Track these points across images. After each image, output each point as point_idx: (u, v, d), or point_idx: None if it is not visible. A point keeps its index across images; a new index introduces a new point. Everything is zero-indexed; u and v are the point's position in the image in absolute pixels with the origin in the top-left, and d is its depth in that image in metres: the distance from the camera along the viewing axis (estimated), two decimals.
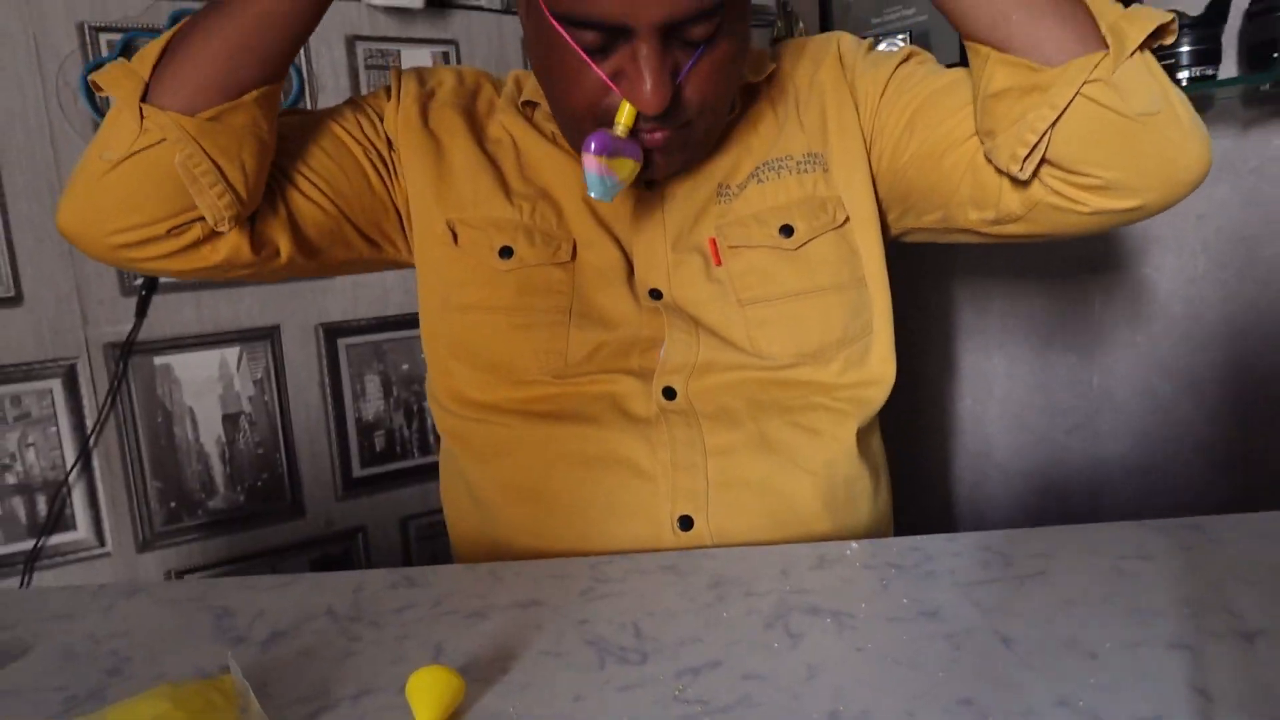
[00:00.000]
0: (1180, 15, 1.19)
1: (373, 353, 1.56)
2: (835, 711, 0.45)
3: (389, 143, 0.79)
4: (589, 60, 0.65)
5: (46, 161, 1.28)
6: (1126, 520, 0.69)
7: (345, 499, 1.56)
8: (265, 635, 0.57)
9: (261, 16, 0.66)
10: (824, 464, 0.75)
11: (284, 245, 0.74)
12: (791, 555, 0.65)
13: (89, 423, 1.34)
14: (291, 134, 0.75)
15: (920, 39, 1.62)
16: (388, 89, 0.81)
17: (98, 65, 1.30)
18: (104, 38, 1.30)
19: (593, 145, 0.67)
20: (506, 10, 1.60)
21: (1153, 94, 0.60)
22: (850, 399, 0.77)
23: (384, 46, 1.51)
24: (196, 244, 0.69)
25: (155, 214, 0.67)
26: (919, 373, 1.74)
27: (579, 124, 0.70)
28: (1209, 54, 1.19)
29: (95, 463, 1.35)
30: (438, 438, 0.81)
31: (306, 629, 0.58)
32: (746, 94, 0.81)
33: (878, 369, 0.78)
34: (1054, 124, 0.61)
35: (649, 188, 0.79)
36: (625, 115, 0.67)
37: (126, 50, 1.31)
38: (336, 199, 0.76)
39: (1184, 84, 1.20)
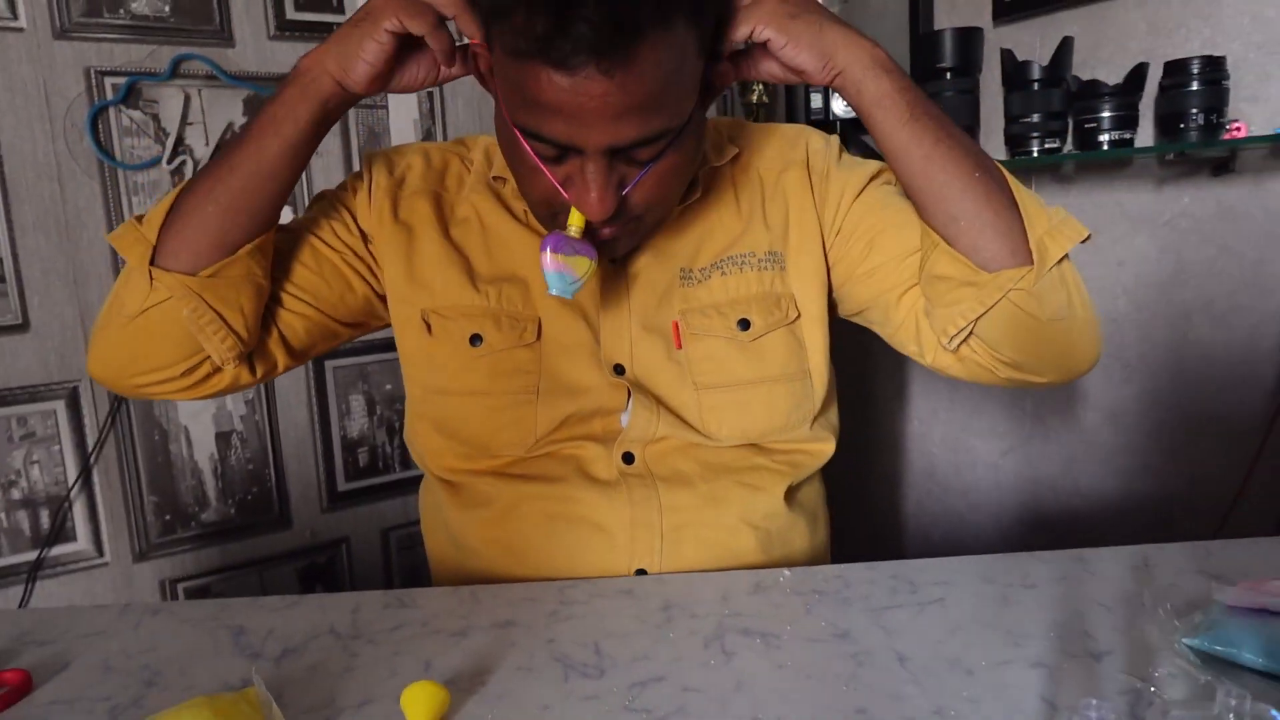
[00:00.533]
0: (1103, 85, 1.32)
1: (358, 374, 1.65)
2: (755, 719, 0.56)
3: (365, 237, 0.84)
4: (543, 166, 0.70)
5: (54, 198, 1.36)
6: (1054, 539, 0.80)
7: (330, 511, 1.65)
8: (278, 651, 0.67)
9: (248, 179, 0.74)
10: (764, 516, 0.84)
11: (279, 358, 0.84)
12: (732, 582, 0.76)
13: (90, 441, 1.42)
14: (275, 255, 0.81)
15: None
16: (358, 177, 0.86)
17: (103, 107, 1.38)
18: (109, 81, 1.38)
19: (549, 247, 0.72)
20: None
21: (1062, 302, 0.73)
22: (788, 463, 0.86)
23: None
24: (206, 378, 0.80)
25: (169, 359, 0.77)
26: (872, 394, 1.86)
27: (537, 210, 0.77)
28: (1127, 120, 1.32)
29: (95, 479, 1.43)
30: None
31: (313, 646, 0.67)
32: (709, 175, 0.85)
33: (815, 446, 0.87)
34: (980, 316, 0.74)
35: (614, 264, 0.84)
36: (576, 218, 0.72)
37: (131, 94, 1.39)
38: (323, 307, 0.83)
39: (1105, 146, 1.32)
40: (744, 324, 0.83)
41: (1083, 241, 0.73)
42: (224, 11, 1.46)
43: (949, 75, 1.53)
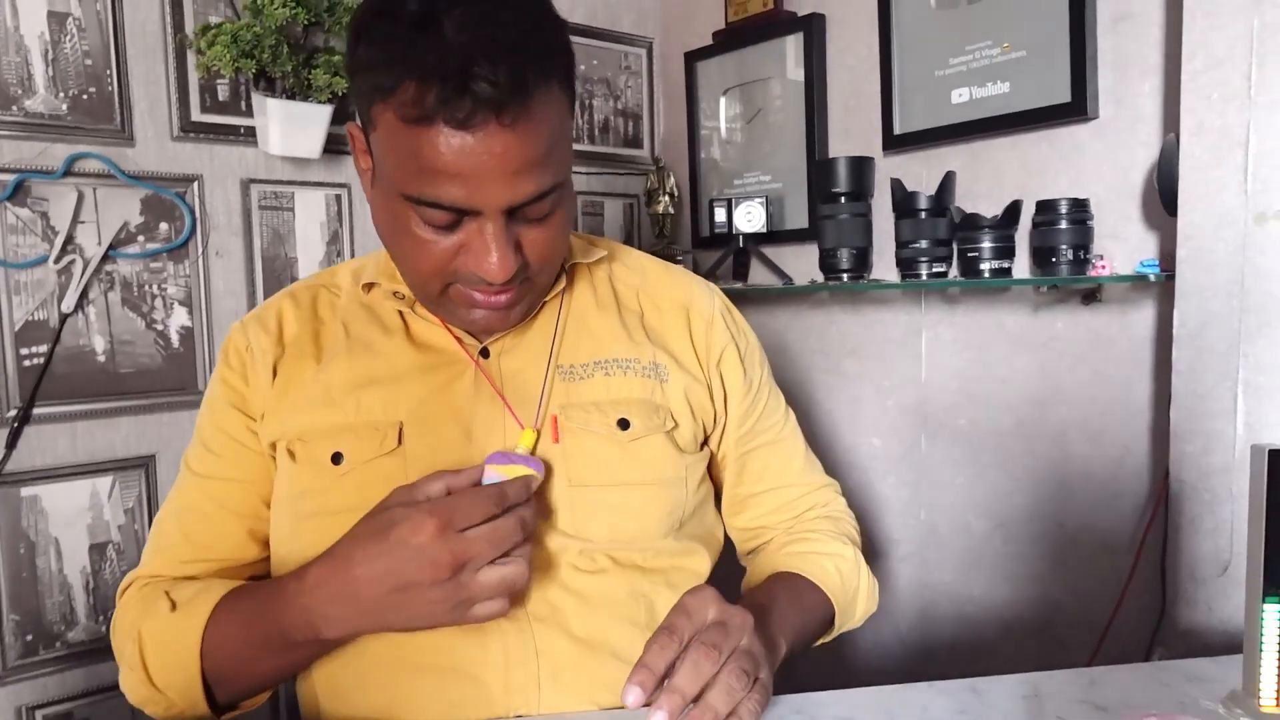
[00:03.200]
0: (982, 218, 1.42)
1: None
2: None
3: (258, 415, 0.85)
4: (436, 236, 0.72)
5: None
6: (948, 643, 0.82)
7: None
8: None
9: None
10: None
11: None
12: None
13: None
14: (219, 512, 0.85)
15: (776, 203, 1.82)
16: (230, 367, 0.86)
17: None
18: None
19: (489, 462, 0.75)
20: None
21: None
22: (665, 583, 0.85)
23: (279, 189, 1.59)
24: None
25: None
26: None
27: (428, 287, 0.77)
28: (1005, 251, 1.42)
29: None
30: None
31: None
32: (575, 271, 0.89)
33: (688, 561, 0.87)
34: None
35: (484, 356, 0.84)
36: (525, 439, 0.79)
37: (19, 191, 1.34)
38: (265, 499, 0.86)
39: (986, 274, 1.42)
40: (624, 424, 0.84)
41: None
42: (126, 110, 1.43)
43: (843, 199, 1.62)
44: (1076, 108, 1.36)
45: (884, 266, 1.65)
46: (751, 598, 0.85)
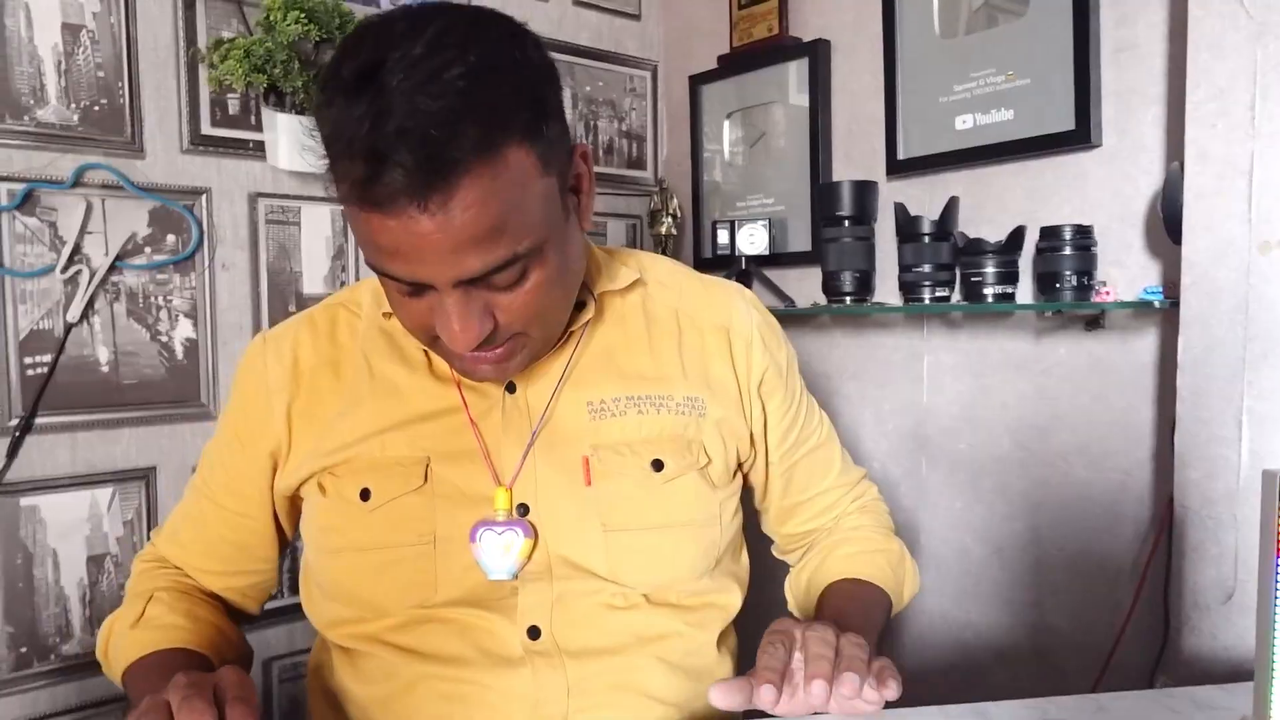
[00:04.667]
0: (985, 243, 1.43)
1: None
2: None
3: (278, 452, 0.85)
4: (409, 300, 0.70)
5: None
6: (946, 669, 0.82)
7: None
8: None
9: None
10: (680, 694, 0.82)
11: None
12: None
13: None
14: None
15: (779, 225, 1.84)
16: (246, 398, 0.86)
17: None
18: (4, 187, 1.33)
19: (473, 539, 0.76)
20: None
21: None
22: (697, 623, 0.84)
23: (286, 203, 1.59)
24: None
25: None
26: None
27: (417, 337, 0.75)
28: (1008, 276, 1.43)
29: None
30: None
31: None
32: (606, 300, 0.85)
33: (722, 598, 0.86)
34: None
35: (511, 392, 0.81)
36: (500, 499, 0.78)
37: (27, 200, 1.34)
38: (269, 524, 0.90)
39: (990, 299, 1.43)
40: (657, 465, 0.82)
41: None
42: (136, 122, 1.44)
43: (846, 223, 1.63)
44: (1080, 135, 1.37)
45: (886, 290, 1.66)
46: (823, 613, 0.88)
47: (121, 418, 1.44)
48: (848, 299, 1.64)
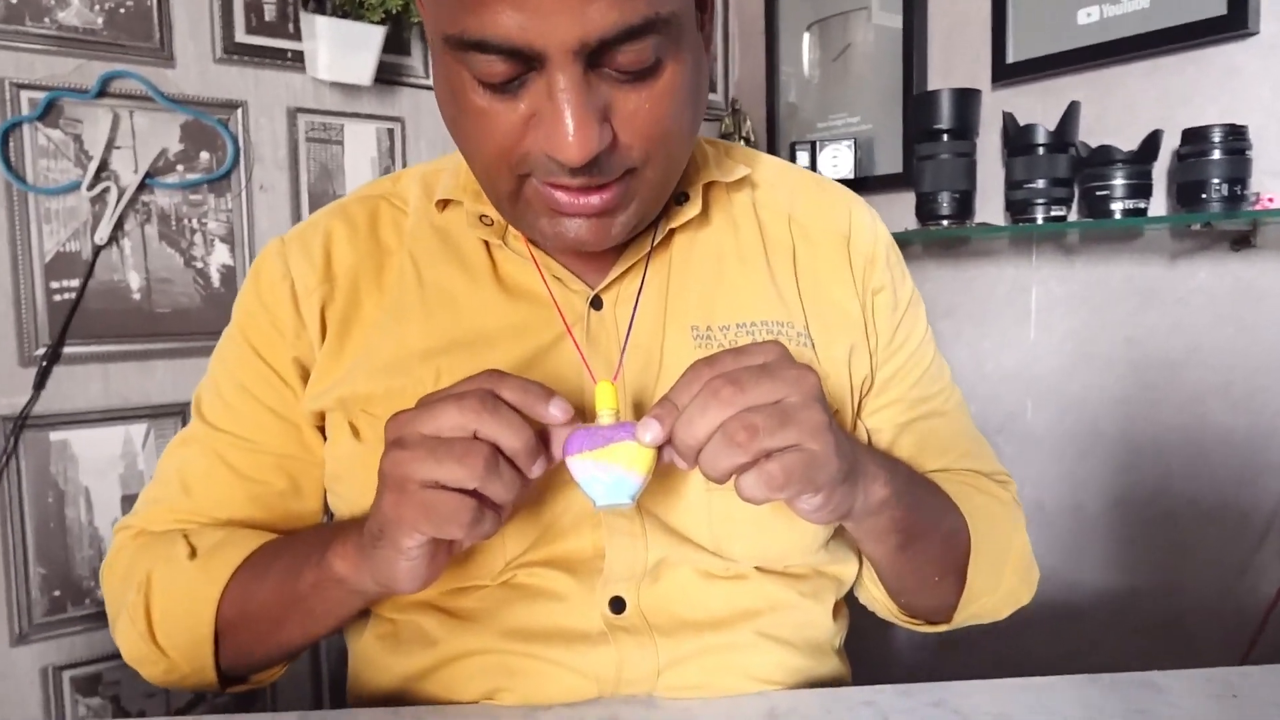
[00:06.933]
0: (1115, 150, 1.24)
1: None
2: None
3: (307, 359, 0.69)
4: (494, 99, 0.54)
5: None
6: (1050, 634, 0.67)
7: None
8: None
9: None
10: (789, 673, 0.68)
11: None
12: (740, 710, 0.61)
13: None
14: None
15: (864, 146, 1.66)
16: (265, 307, 0.69)
17: (16, 124, 1.22)
18: (26, 95, 1.23)
19: (571, 449, 0.53)
20: None
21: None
22: (817, 590, 0.70)
23: (327, 120, 1.47)
24: None
25: None
26: None
27: (496, 181, 0.57)
28: (1141, 189, 1.24)
29: None
30: None
31: None
32: (712, 194, 0.69)
33: (837, 568, 0.71)
34: None
35: (597, 308, 0.66)
36: (604, 395, 0.55)
37: (50, 111, 1.24)
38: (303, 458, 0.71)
39: (1117, 215, 1.24)
40: None
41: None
42: (165, 28, 1.32)
43: (945, 137, 1.45)
44: (1234, 21, 1.17)
45: (990, 212, 1.48)
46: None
47: (155, 349, 1.35)
48: (945, 223, 1.46)
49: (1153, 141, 1.23)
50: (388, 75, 1.48)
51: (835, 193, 0.75)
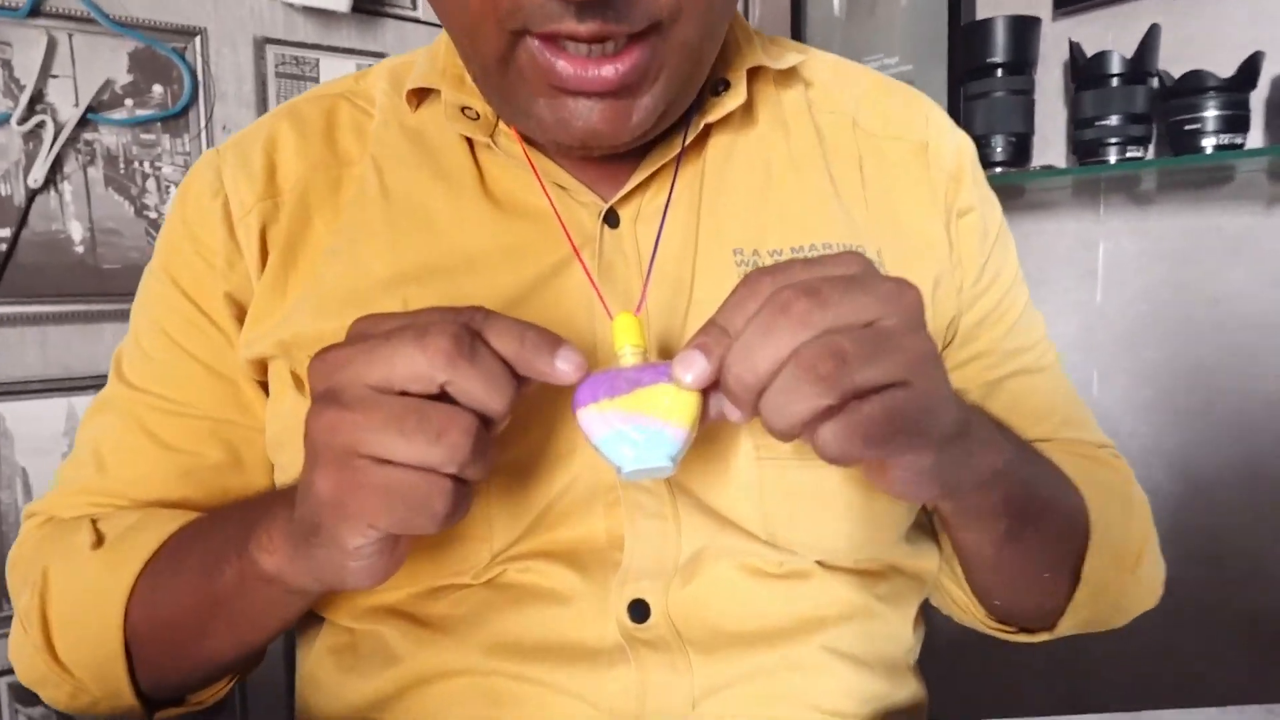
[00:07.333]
0: (1208, 76, 1.07)
1: None
2: None
3: (240, 294, 0.56)
4: None
5: None
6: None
7: None
8: None
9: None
10: (862, 703, 0.53)
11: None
12: None
13: None
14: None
15: None
16: (199, 216, 0.56)
17: None
18: None
19: (582, 400, 0.39)
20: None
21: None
22: (896, 593, 0.56)
23: (300, 53, 1.30)
24: None
25: None
26: None
27: (480, 44, 0.45)
28: (1236, 120, 1.07)
29: None
30: None
31: None
32: (758, 82, 0.56)
33: (916, 564, 0.57)
34: None
35: (613, 225, 0.53)
36: (624, 328, 0.41)
37: None
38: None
39: (1209, 151, 1.07)
40: None
41: None
42: None
43: (999, 72, 1.29)
44: None
45: (1052, 154, 1.33)
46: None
47: (103, 309, 1.18)
48: (999, 169, 1.29)
49: (1251, 66, 1.06)
50: (369, 3, 1.32)
51: (908, 94, 0.63)
